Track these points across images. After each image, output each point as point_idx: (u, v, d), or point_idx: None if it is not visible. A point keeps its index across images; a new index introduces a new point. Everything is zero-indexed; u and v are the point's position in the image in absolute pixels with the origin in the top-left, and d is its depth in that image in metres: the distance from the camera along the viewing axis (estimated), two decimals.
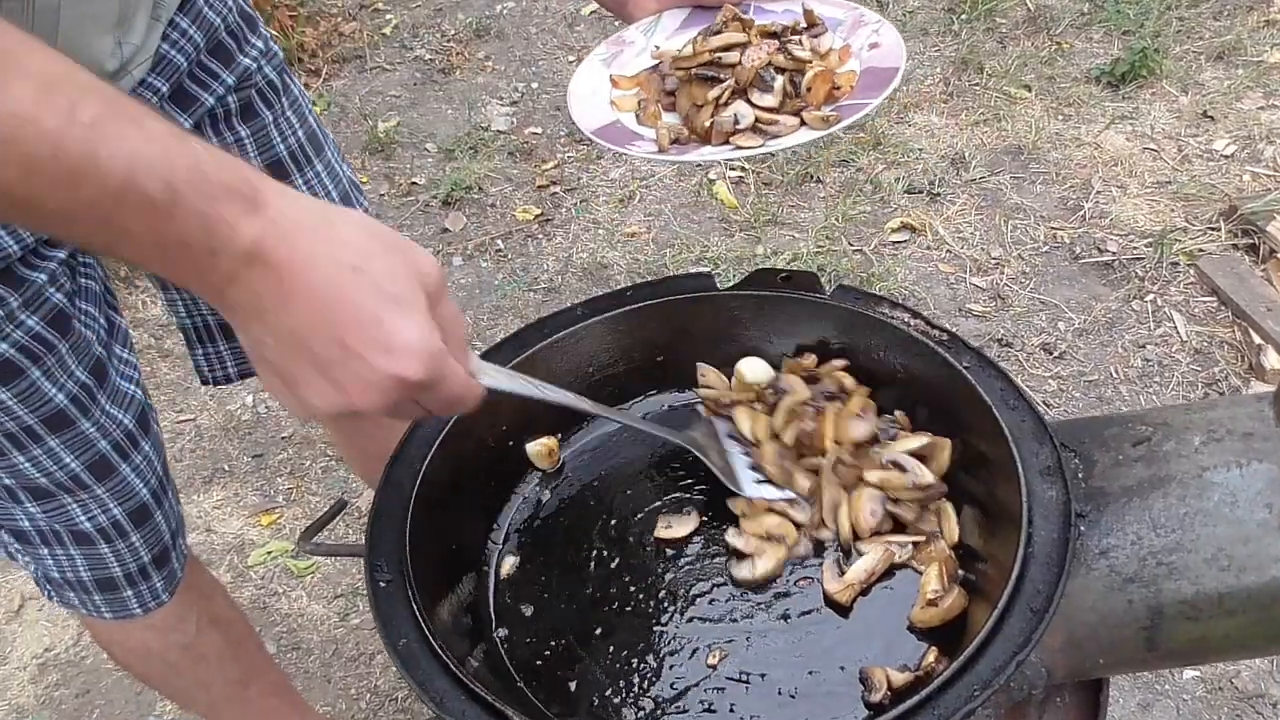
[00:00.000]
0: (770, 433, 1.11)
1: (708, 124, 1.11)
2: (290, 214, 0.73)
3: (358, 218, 0.77)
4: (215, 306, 0.76)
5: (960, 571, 0.98)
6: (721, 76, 1.14)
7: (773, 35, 1.16)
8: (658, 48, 1.24)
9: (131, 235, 0.69)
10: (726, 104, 1.13)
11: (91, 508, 1.30)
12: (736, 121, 1.11)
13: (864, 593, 1.00)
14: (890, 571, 1.01)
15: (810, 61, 1.14)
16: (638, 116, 1.18)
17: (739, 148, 1.10)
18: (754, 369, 1.18)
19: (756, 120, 1.11)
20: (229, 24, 1.28)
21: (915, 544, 1.01)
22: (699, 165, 3.32)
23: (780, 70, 1.13)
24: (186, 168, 0.69)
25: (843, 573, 1.00)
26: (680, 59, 1.18)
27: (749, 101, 1.12)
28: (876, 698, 0.90)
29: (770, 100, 1.12)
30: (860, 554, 1.01)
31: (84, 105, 0.66)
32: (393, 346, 0.74)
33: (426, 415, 0.83)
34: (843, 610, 0.99)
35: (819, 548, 1.05)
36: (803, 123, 1.10)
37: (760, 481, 1.08)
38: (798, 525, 1.05)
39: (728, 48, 1.15)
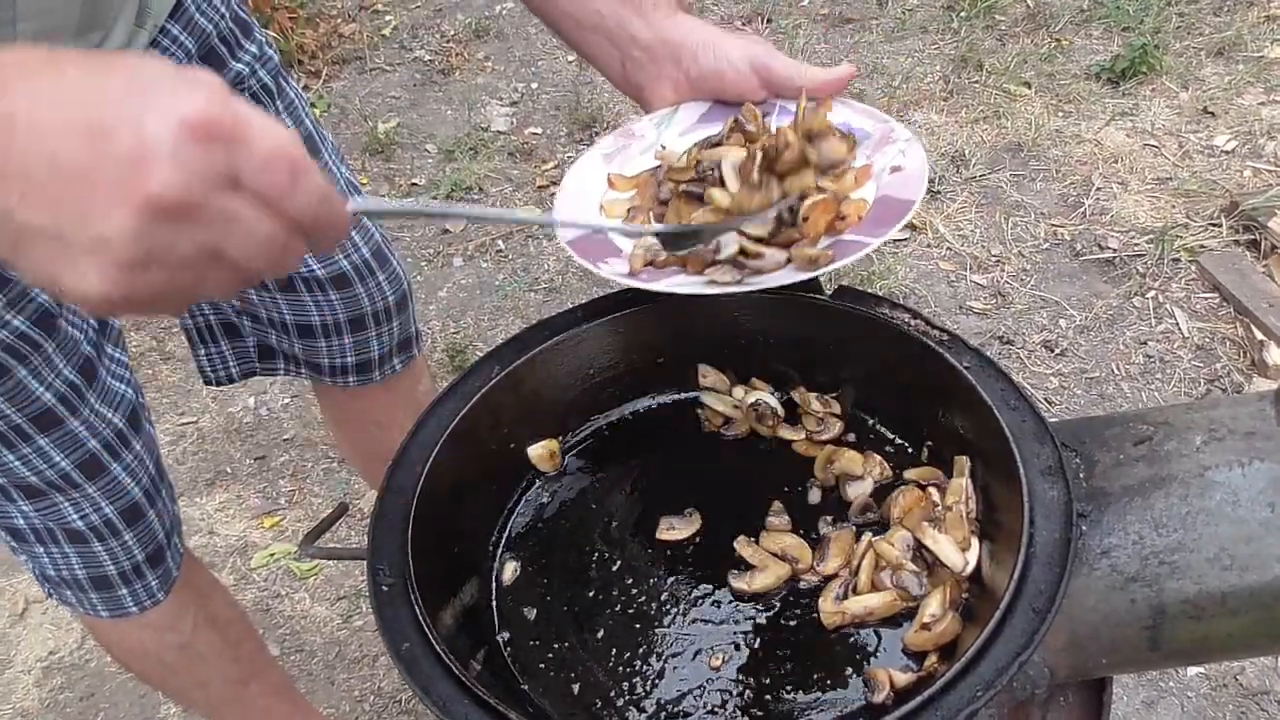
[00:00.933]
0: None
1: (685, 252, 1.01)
2: (14, 58, 0.59)
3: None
4: None
5: (965, 596, 0.97)
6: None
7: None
8: (664, 146, 1.12)
9: None
10: None
11: (83, 506, 1.30)
12: (717, 250, 0.99)
13: (858, 626, 0.98)
14: (891, 619, 0.98)
15: (815, 187, 1.01)
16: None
17: (713, 282, 0.98)
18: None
19: (742, 251, 0.99)
20: (222, 30, 1.28)
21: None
22: None
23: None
24: None
25: (844, 598, 0.99)
26: (674, 170, 1.07)
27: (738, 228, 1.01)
28: (880, 698, 0.90)
29: (760, 229, 1.00)
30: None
31: None
32: (155, 94, 0.57)
33: (279, 218, 0.62)
34: (827, 632, 0.98)
35: (826, 580, 1.02)
36: (790, 259, 0.98)
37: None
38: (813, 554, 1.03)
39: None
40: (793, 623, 0.99)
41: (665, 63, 1.12)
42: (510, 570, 1.08)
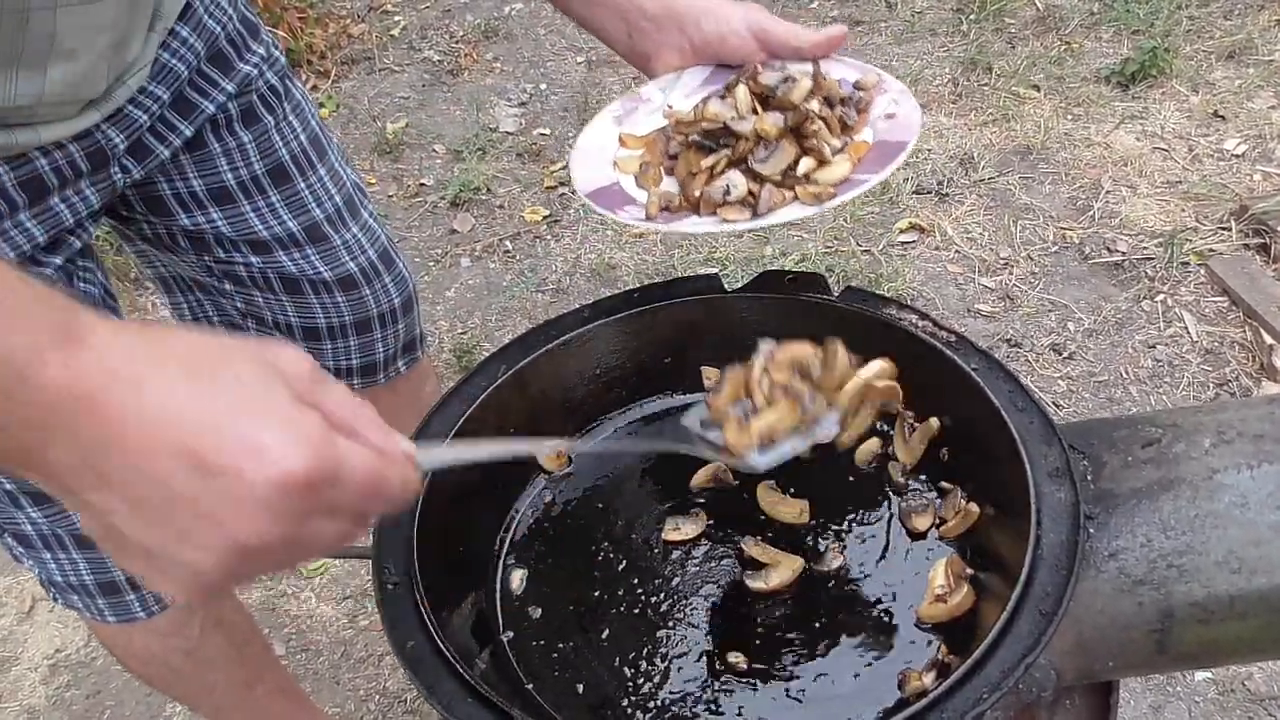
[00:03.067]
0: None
1: (698, 194, 1.07)
2: (117, 343, 0.60)
3: (197, 334, 0.64)
4: (45, 486, 0.61)
5: (969, 570, 0.98)
6: (720, 144, 1.09)
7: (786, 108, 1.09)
8: (670, 107, 1.18)
9: None
10: (722, 173, 1.08)
11: None
12: (727, 192, 1.06)
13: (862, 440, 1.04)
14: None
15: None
16: (637, 179, 1.14)
17: (725, 220, 1.05)
18: None
19: (750, 193, 1.06)
20: (229, 32, 1.28)
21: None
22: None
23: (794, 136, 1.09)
24: None
25: (746, 420, 0.97)
26: (682, 123, 1.13)
27: (747, 170, 1.08)
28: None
29: (772, 168, 1.07)
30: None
31: None
32: (261, 446, 0.59)
33: (362, 519, 0.67)
34: (833, 627, 0.98)
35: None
36: (796, 197, 1.06)
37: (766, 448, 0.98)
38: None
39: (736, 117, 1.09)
40: (797, 624, 0.99)
41: (671, 31, 1.18)
42: (515, 569, 1.08)
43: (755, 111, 1.11)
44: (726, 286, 1.20)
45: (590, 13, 1.22)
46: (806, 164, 1.07)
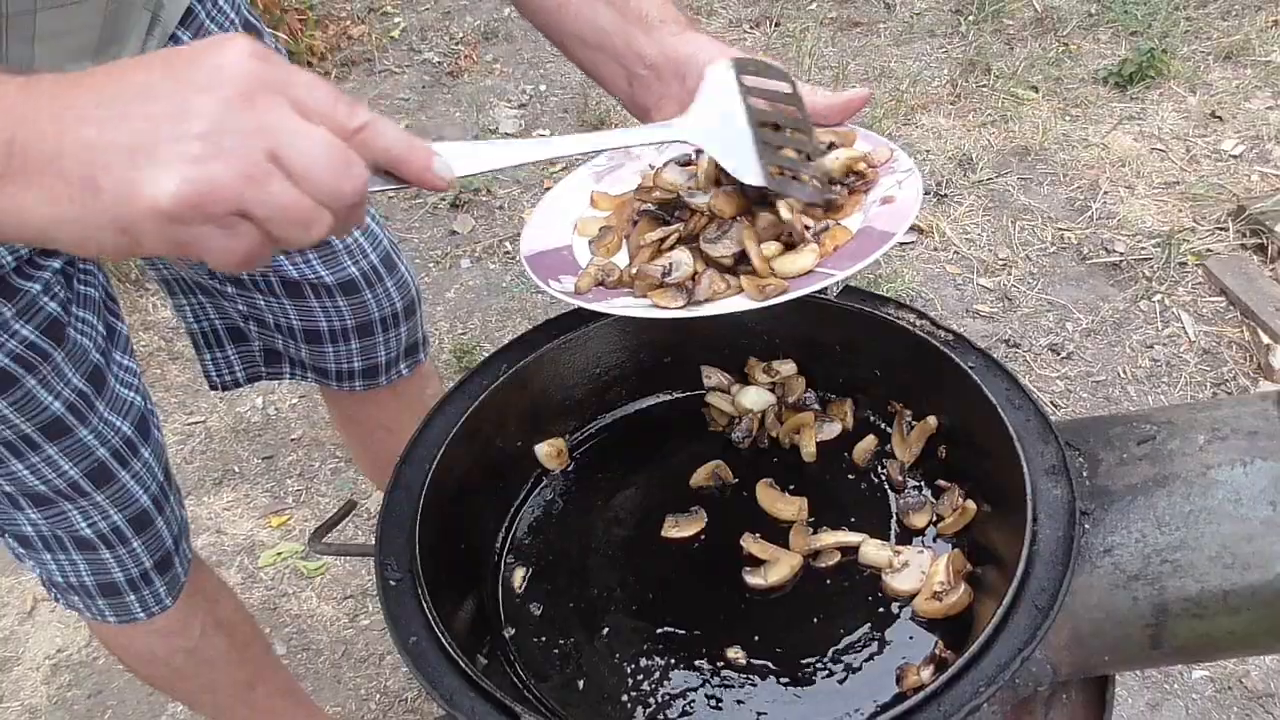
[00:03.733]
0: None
1: (634, 270, 0.97)
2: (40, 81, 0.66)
3: None
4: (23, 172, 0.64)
5: (968, 567, 0.99)
6: (674, 216, 1.00)
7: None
8: (651, 167, 1.07)
9: None
10: (670, 250, 0.98)
11: (91, 514, 1.30)
12: (668, 273, 0.95)
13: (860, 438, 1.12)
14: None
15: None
16: (591, 244, 1.04)
17: (655, 305, 0.94)
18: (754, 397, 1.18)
19: (694, 275, 0.95)
20: None
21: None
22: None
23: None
24: None
25: None
26: (643, 188, 1.03)
27: (697, 250, 0.97)
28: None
29: (722, 250, 0.95)
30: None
31: None
32: (216, 42, 0.66)
33: (342, 131, 0.68)
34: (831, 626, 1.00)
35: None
36: (742, 288, 0.95)
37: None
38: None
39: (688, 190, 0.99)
40: (797, 619, 1.00)
41: (671, 81, 1.06)
42: (517, 566, 1.09)
43: (717, 183, 1.00)
44: None
45: (589, 58, 1.12)
46: (771, 248, 0.96)
